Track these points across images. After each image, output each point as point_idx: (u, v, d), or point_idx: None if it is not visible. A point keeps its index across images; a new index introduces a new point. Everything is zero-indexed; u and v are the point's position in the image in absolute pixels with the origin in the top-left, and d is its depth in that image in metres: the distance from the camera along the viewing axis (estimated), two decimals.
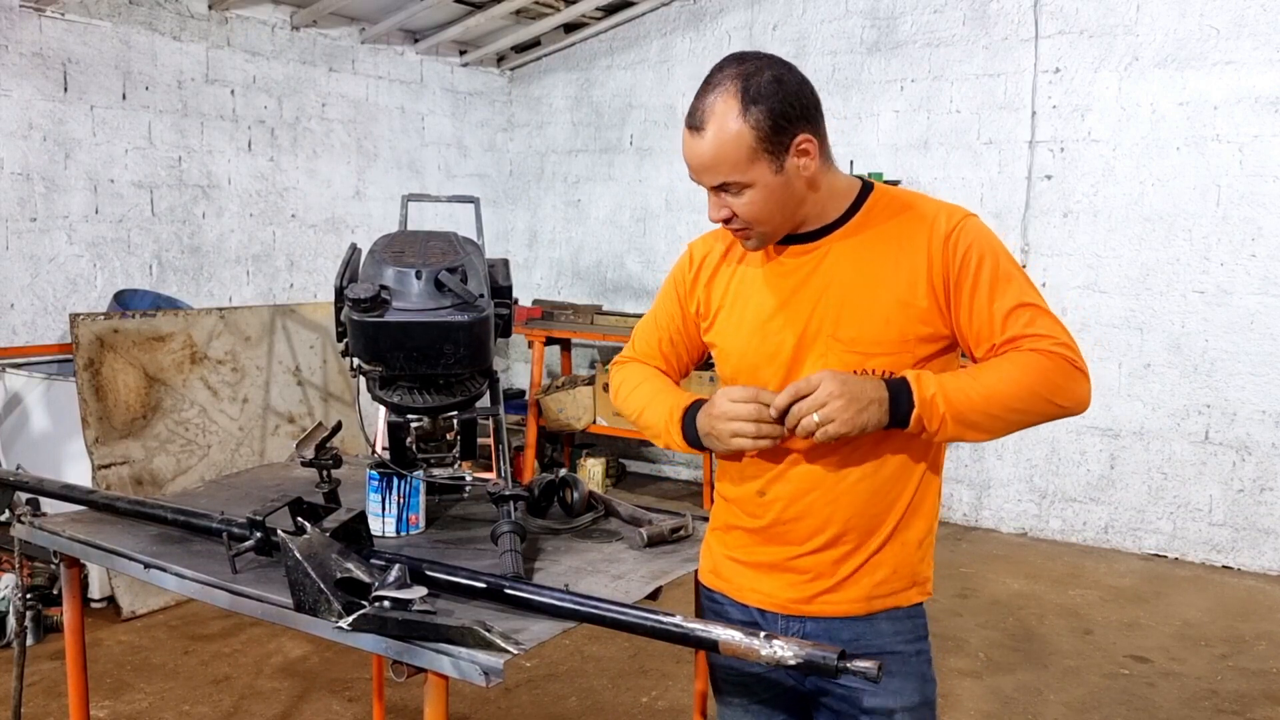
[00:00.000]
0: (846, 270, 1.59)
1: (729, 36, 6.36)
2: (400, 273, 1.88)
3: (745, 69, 1.51)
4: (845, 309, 1.58)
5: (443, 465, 2.20)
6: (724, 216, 1.58)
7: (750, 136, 1.49)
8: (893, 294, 1.56)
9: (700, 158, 1.53)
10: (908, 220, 1.59)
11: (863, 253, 1.59)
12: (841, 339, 1.57)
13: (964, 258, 1.54)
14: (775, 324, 1.63)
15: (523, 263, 7.18)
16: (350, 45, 6.07)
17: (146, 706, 3.49)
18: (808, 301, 1.60)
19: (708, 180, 1.55)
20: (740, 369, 1.67)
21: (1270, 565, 5.05)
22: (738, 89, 1.49)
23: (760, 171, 1.51)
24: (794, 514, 1.64)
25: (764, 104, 1.48)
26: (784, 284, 1.63)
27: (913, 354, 1.56)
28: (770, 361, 1.63)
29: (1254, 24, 4.91)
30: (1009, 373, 1.51)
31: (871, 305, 1.56)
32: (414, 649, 1.54)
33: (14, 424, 4.46)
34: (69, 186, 4.83)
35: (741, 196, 1.54)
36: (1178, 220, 5.16)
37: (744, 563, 1.72)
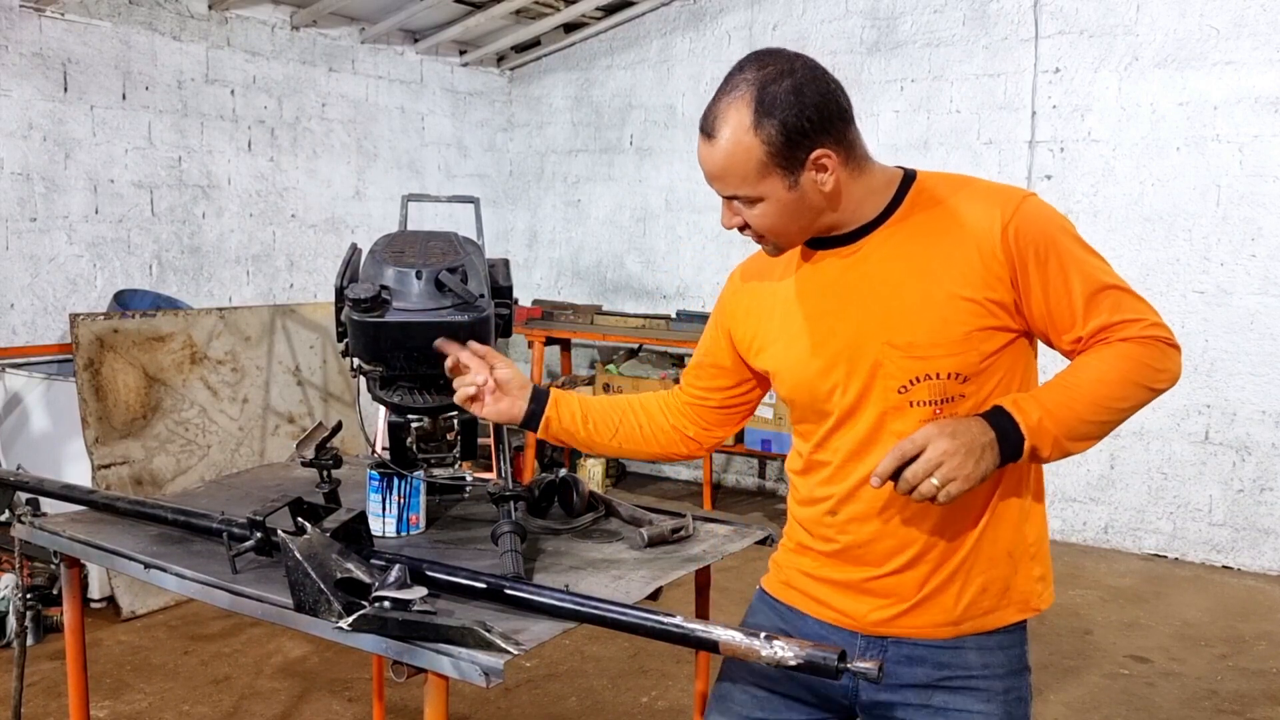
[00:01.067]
0: (892, 269, 1.47)
1: (729, 36, 6.36)
2: (400, 273, 1.87)
3: (764, 75, 1.40)
4: (896, 311, 1.46)
5: (443, 465, 2.20)
6: (736, 224, 1.50)
7: (761, 151, 1.40)
8: (947, 288, 1.44)
9: (711, 165, 1.45)
10: (957, 207, 1.47)
11: (909, 248, 1.47)
12: (898, 344, 1.46)
13: (1029, 246, 1.42)
14: (822, 336, 1.52)
15: (523, 263, 7.18)
16: (350, 45, 6.07)
17: (146, 706, 3.49)
18: (855, 307, 1.49)
19: (718, 188, 1.48)
20: (797, 389, 1.58)
21: (1270, 565, 5.05)
22: (752, 97, 1.39)
23: (772, 185, 1.43)
24: (868, 535, 1.54)
25: (778, 117, 1.38)
26: (827, 292, 1.53)
27: (979, 350, 1.45)
28: (824, 377, 1.53)
29: (1254, 24, 4.91)
30: (1107, 372, 1.43)
31: (925, 303, 1.45)
32: (414, 649, 1.54)
33: (14, 424, 4.46)
34: (69, 186, 4.83)
35: (753, 209, 1.46)
36: (1178, 220, 5.16)
37: (820, 579, 1.62)
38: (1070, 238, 1.46)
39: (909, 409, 1.48)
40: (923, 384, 1.46)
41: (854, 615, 1.58)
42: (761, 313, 1.63)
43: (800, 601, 1.66)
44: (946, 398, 1.47)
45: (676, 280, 6.68)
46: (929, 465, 1.35)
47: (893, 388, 1.48)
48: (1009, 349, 1.48)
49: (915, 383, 1.47)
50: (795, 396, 1.59)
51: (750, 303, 1.66)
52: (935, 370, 1.45)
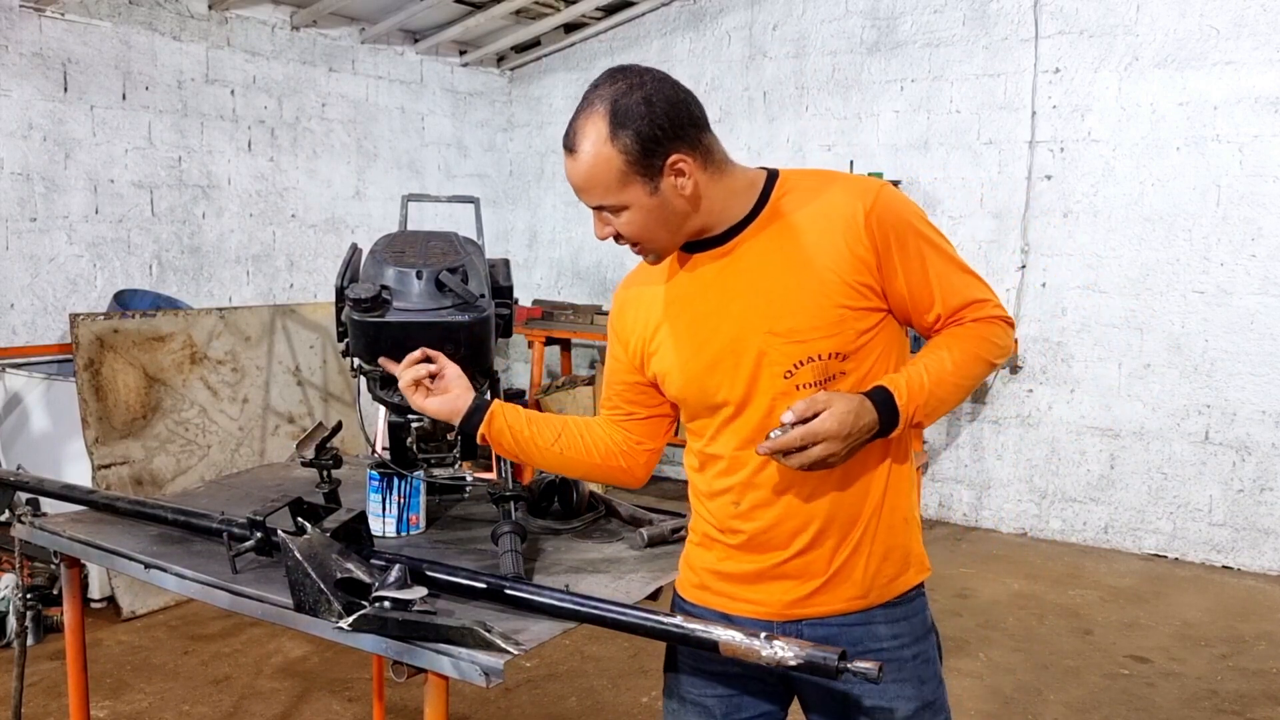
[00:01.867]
0: (766, 263, 1.56)
1: (729, 36, 6.36)
2: (401, 273, 1.88)
3: (615, 90, 1.48)
4: (774, 301, 1.54)
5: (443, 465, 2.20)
6: (608, 234, 1.56)
7: (620, 161, 1.47)
8: (819, 274, 1.53)
9: (576, 178, 1.52)
10: (820, 199, 1.56)
11: (779, 242, 1.56)
12: (779, 332, 1.54)
13: (890, 231, 1.53)
14: (707, 333, 1.59)
15: (523, 263, 7.18)
16: (350, 45, 6.07)
17: (146, 706, 3.49)
18: (735, 303, 1.57)
19: (585, 200, 1.54)
20: (686, 387, 1.63)
21: (1270, 565, 5.05)
22: (606, 111, 1.47)
23: (634, 193, 1.50)
24: (772, 519, 1.60)
25: (631, 127, 1.46)
26: (707, 292, 1.60)
27: (854, 330, 1.54)
28: (711, 373, 1.59)
29: (1254, 24, 4.91)
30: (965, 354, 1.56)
31: (800, 291, 1.53)
32: (414, 649, 1.55)
33: (14, 424, 4.46)
34: (69, 186, 4.83)
35: (620, 217, 1.53)
36: (1178, 220, 5.16)
37: (730, 575, 1.66)
38: (924, 224, 1.58)
39: (796, 392, 1.55)
40: (806, 366, 1.55)
41: (767, 602, 1.63)
42: (647, 321, 1.68)
43: (715, 601, 1.68)
44: (829, 376, 1.55)
45: None
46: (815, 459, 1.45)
47: (779, 374, 1.55)
48: (881, 327, 1.57)
49: (799, 366, 1.55)
50: (685, 395, 1.65)
51: (635, 313, 1.70)
52: (817, 352, 1.54)
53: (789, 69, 6.16)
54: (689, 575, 1.74)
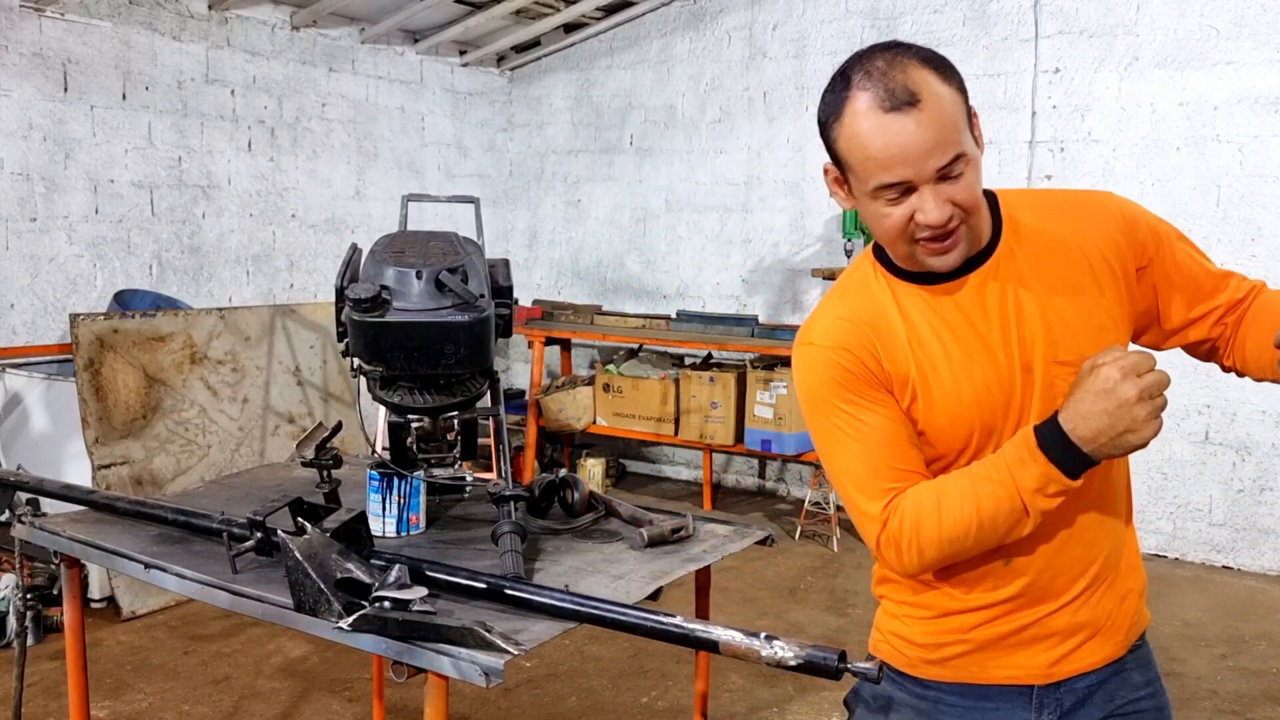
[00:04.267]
0: (1029, 287, 1.38)
1: (729, 36, 6.36)
2: (401, 273, 1.88)
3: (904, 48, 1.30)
4: (1054, 328, 1.37)
5: (443, 465, 2.20)
6: (947, 215, 1.29)
7: (960, 101, 1.28)
8: (1089, 300, 1.39)
9: (924, 136, 1.24)
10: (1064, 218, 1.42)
11: (1036, 266, 1.39)
12: (1063, 361, 1.36)
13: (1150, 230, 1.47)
14: (979, 368, 1.37)
15: (523, 263, 7.18)
16: (350, 45, 6.07)
17: (146, 706, 3.49)
18: (1011, 330, 1.38)
19: (935, 161, 1.25)
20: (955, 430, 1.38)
21: (1270, 565, 5.04)
22: (921, 61, 1.27)
23: (970, 143, 1.29)
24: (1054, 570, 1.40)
25: (950, 68, 1.29)
26: (969, 325, 1.38)
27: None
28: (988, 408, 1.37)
29: (1254, 24, 4.91)
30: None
31: (1080, 315, 1.38)
32: (414, 649, 1.54)
33: (14, 424, 4.46)
34: (69, 186, 4.83)
35: (964, 178, 1.28)
36: (1178, 220, 5.08)
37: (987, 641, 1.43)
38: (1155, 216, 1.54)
39: None
40: None
41: (1033, 669, 1.43)
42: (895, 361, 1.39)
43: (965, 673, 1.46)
44: None
45: (676, 280, 6.68)
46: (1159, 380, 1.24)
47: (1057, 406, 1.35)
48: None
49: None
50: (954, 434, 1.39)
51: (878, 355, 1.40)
52: None
53: (789, 69, 6.16)
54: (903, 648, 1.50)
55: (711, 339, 5.74)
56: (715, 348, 5.89)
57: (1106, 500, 1.42)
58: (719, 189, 6.48)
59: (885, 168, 1.27)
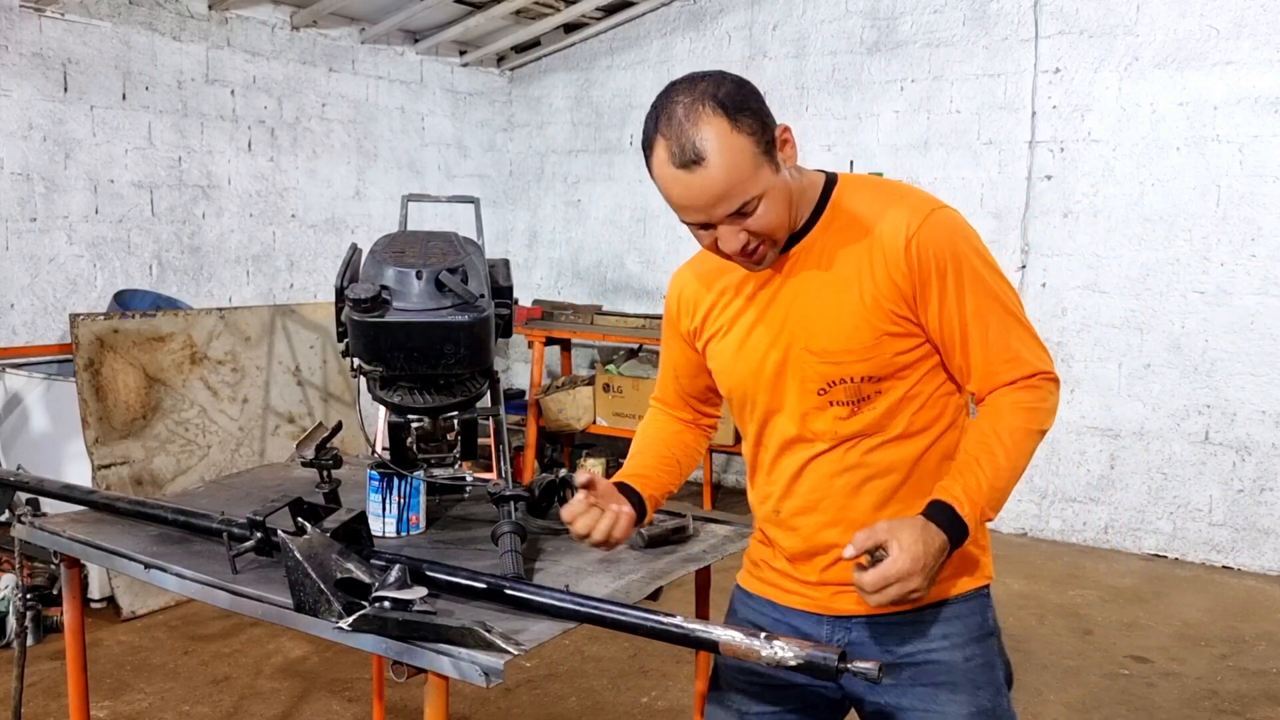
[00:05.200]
0: (813, 278, 1.54)
1: (729, 36, 6.36)
2: (401, 273, 1.87)
3: (704, 86, 1.42)
4: (813, 319, 1.53)
5: (443, 465, 2.20)
6: (742, 243, 1.47)
7: (750, 145, 1.41)
8: (857, 296, 1.50)
9: (709, 191, 1.41)
10: (871, 215, 1.52)
11: (827, 256, 1.53)
12: (814, 350, 1.54)
13: (930, 261, 1.47)
14: (756, 341, 1.60)
15: (523, 263, 7.18)
16: (350, 45, 6.07)
17: (146, 707, 3.49)
18: (780, 314, 1.57)
19: (723, 210, 1.43)
20: (732, 390, 1.68)
21: (1270, 565, 5.04)
22: (715, 107, 1.40)
23: (766, 177, 1.43)
24: (812, 527, 1.62)
25: (747, 108, 1.42)
26: (761, 298, 1.60)
27: (889, 354, 1.51)
28: (754, 379, 1.62)
29: (1254, 24, 4.91)
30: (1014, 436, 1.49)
31: (838, 312, 1.51)
32: (414, 649, 1.54)
33: (14, 424, 4.46)
34: (69, 186, 4.83)
35: (757, 211, 1.44)
36: (1178, 220, 5.16)
37: (782, 571, 1.69)
38: (977, 259, 1.50)
39: (828, 408, 1.56)
40: (839, 386, 1.55)
41: (815, 598, 1.65)
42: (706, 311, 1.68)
43: (769, 591, 1.72)
44: (861, 397, 1.55)
45: None
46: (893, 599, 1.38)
47: (812, 390, 1.56)
48: (923, 351, 1.54)
49: (832, 385, 1.55)
50: (730, 394, 1.69)
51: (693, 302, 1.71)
52: (849, 374, 1.53)
53: (789, 69, 6.16)
54: (748, 565, 1.79)
55: None
56: None
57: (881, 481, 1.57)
58: None
59: (682, 210, 1.46)
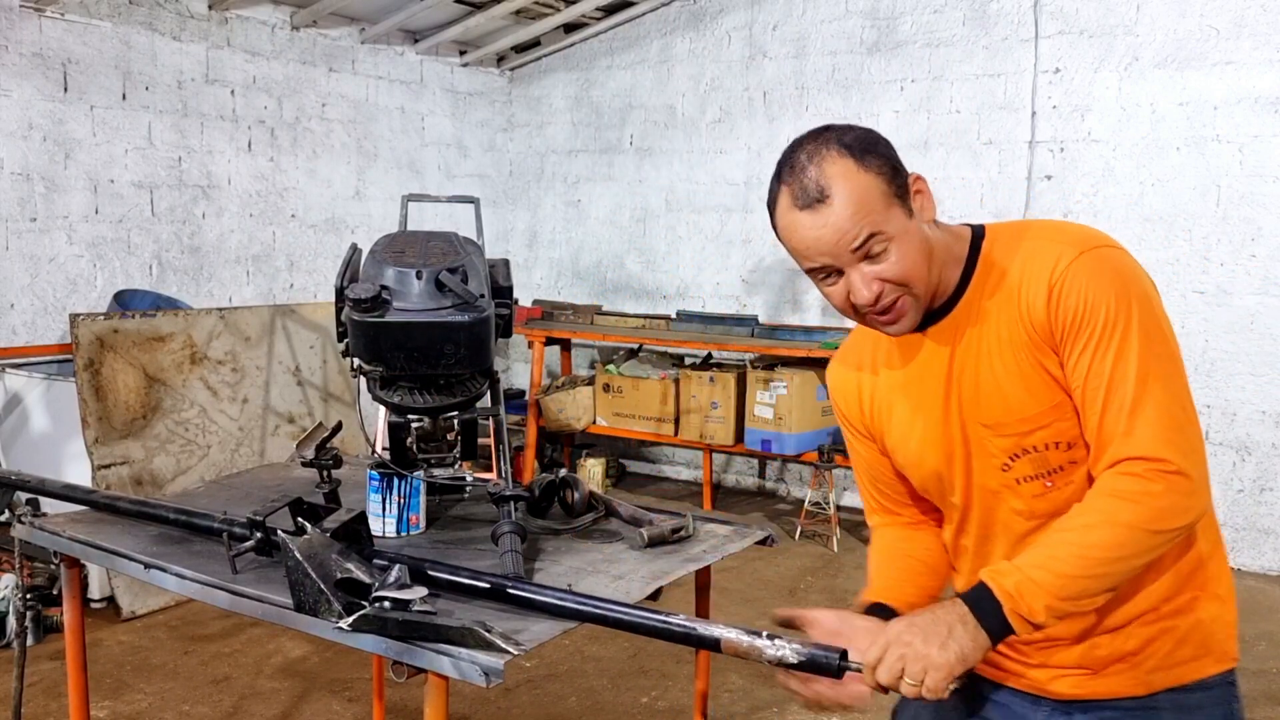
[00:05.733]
0: (973, 342, 1.43)
1: (729, 36, 6.36)
2: (401, 273, 1.87)
3: (830, 134, 1.38)
4: (981, 389, 1.42)
5: (443, 465, 2.20)
6: (876, 293, 1.37)
7: (879, 183, 1.34)
8: (1023, 360, 1.39)
9: (833, 227, 1.34)
10: (1019, 268, 1.40)
11: (983, 317, 1.42)
12: (987, 424, 1.42)
13: (1069, 312, 1.35)
14: (934, 421, 1.49)
15: (523, 263, 7.18)
16: (350, 45, 6.07)
17: (146, 707, 3.49)
18: (951, 392, 1.46)
19: (846, 247, 1.35)
20: (925, 481, 1.55)
21: (1270, 565, 5.04)
22: (842, 148, 1.35)
23: (898, 218, 1.36)
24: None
25: (874, 151, 1.36)
26: (930, 373, 1.48)
27: (1069, 417, 1.38)
28: (944, 462, 1.50)
29: (1254, 24, 4.91)
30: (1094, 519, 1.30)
31: (1003, 377, 1.40)
32: (414, 649, 1.54)
33: (14, 424, 4.46)
34: (69, 186, 4.83)
35: (889, 254, 1.36)
36: (1178, 220, 5.16)
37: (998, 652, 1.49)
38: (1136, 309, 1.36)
39: (1018, 485, 1.44)
40: (1022, 459, 1.42)
41: (1038, 681, 1.52)
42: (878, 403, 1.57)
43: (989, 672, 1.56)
44: (1053, 469, 1.42)
45: (676, 280, 6.68)
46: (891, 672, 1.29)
47: (995, 467, 1.45)
48: None
49: (1015, 459, 1.43)
50: (926, 487, 1.57)
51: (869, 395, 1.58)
52: (1031, 444, 1.41)
53: (789, 69, 6.16)
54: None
55: (711, 339, 5.74)
56: (715, 348, 5.89)
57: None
58: (719, 189, 6.47)
59: (806, 257, 1.39)
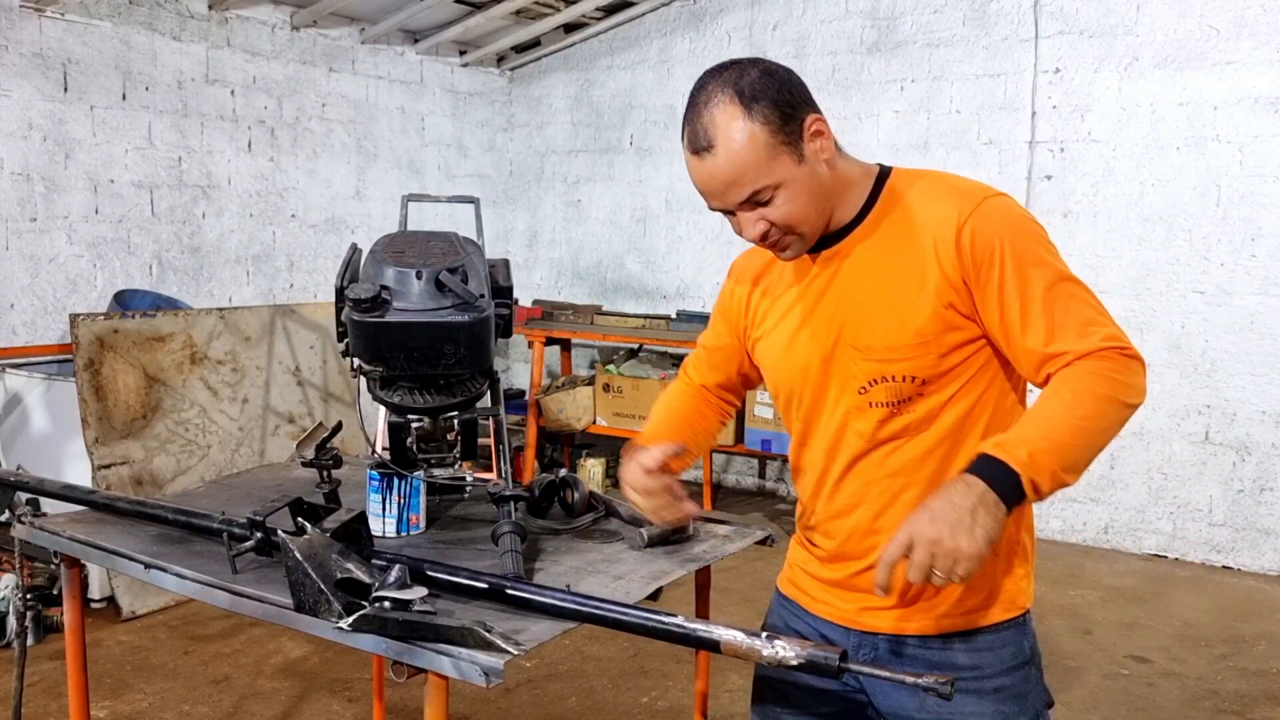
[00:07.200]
0: (860, 273, 1.52)
1: (729, 36, 6.36)
2: (401, 273, 1.87)
3: (729, 74, 1.44)
4: (860, 314, 1.51)
5: (443, 465, 2.20)
6: (761, 232, 1.48)
7: (763, 133, 1.41)
8: (905, 292, 1.47)
9: (717, 177, 1.44)
10: (922, 207, 1.49)
11: (876, 251, 1.51)
12: (859, 346, 1.51)
13: (984, 249, 1.43)
14: (802, 337, 1.58)
15: (523, 263, 7.18)
16: (350, 45, 6.07)
17: (146, 707, 3.49)
18: (829, 310, 1.55)
19: (734, 196, 1.45)
20: (778, 387, 1.66)
21: (1270, 565, 5.04)
22: (731, 95, 1.42)
23: (785, 166, 1.43)
24: (845, 532, 1.60)
25: (764, 99, 1.41)
26: (810, 293, 1.57)
27: (935, 352, 1.47)
28: (801, 376, 1.59)
29: (1254, 24, 4.91)
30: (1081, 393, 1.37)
31: (885, 307, 1.48)
32: (414, 649, 1.54)
33: (14, 424, 4.46)
34: (69, 186, 4.83)
35: (774, 201, 1.45)
36: (1178, 220, 5.16)
37: (815, 576, 1.68)
38: (1034, 243, 1.45)
39: (869, 409, 1.53)
40: (880, 386, 1.51)
41: (842, 609, 1.63)
42: (756, 305, 1.69)
43: (801, 598, 1.72)
44: (903, 398, 1.51)
45: (676, 280, 6.68)
46: (922, 565, 1.31)
47: (853, 388, 1.54)
48: (974, 355, 1.49)
49: (874, 384, 1.51)
50: (777, 393, 1.68)
51: (745, 295, 1.72)
52: (892, 373, 1.49)
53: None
54: (787, 570, 1.79)
55: None
56: None
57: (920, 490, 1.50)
58: None
59: (702, 195, 1.49)
